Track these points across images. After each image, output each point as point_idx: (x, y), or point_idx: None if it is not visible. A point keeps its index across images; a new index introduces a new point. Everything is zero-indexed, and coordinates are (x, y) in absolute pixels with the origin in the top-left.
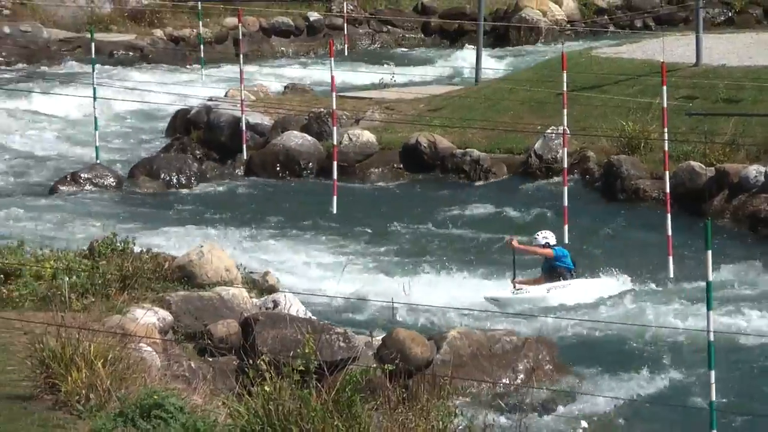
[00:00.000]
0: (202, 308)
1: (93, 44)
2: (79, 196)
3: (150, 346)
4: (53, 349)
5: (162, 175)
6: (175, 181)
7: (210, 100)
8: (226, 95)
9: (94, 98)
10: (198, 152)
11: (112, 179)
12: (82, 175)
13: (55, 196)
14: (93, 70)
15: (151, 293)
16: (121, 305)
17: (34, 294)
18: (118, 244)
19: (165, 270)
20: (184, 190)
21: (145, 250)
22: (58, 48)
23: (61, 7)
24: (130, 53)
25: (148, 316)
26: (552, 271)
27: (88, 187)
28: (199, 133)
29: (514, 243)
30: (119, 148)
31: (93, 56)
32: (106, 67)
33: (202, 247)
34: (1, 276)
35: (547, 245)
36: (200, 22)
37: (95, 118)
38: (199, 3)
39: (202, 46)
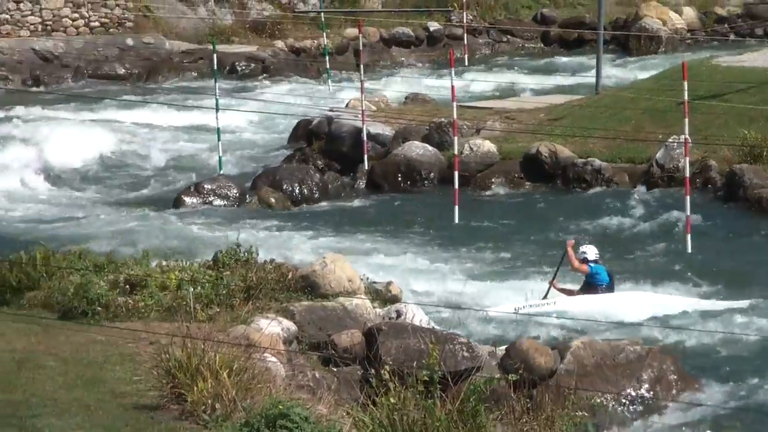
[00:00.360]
0: (325, 318)
1: (215, 56)
2: (202, 207)
3: (274, 356)
4: (179, 359)
5: (284, 186)
6: (297, 191)
7: (331, 110)
8: (347, 106)
9: (217, 109)
10: (319, 162)
11: (235, 190)
12: (205, 186)
13: (179, 207)
14: (215, 82)
15: (275, 303)
16: (245, 315)
17: (159, 304)
18: (242, 255)
19: (288, 280)
20: (307, 201)
21: (268, 260)
22: (180, 60)
23: (183, 19)
24: (252, 65)
25: (272, 327)
26: (588, 286)
27: (211, 198)
28: (321, 144)
29: (570, 244)
30: (242, 158)
31: (215, 68)
32: (228, 78)
33: (325, 257)
34: (127, 287)
35: (585, 260)
36: (324, 33)
37: (218, 129)
38: (322, 14)
39: (327, 57)
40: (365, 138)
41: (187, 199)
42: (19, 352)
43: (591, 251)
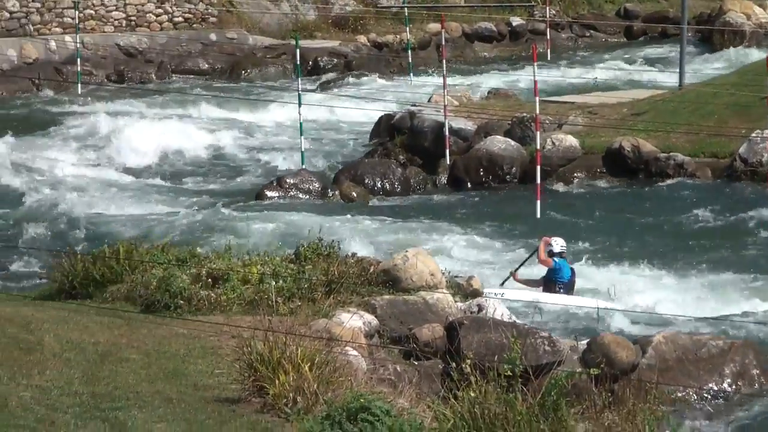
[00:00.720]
0: (407, 312)
1: (298, 51)
2: (284, 201)
3: (356, 350)
4: (261, 352)
5: (366, 180)
6: (379, 186)
7: (414, 105)
8: (429, 100)
9: (299, 104)
10: (401, 157)
11: (317, 184)
12: (288, 180)
13: (261, 201)
14: (298, 76)
15: (356, 297)
16: (326, 309)
17: (241, 298)
18: (324, 249)
19: (370, 274)
20: (388, 195)
21: (350, 254)
22: (263, 55)
23: (266, 14)
24: (334, 60)
25: (353, 320)
26: (547, 282)
27: (293, 192)
28: (403, 138)
29: (545, 241)
30: (324, 153)
31: (298, 63)
32: (311, 73)
33: (407, 251)
34: (209, 280)
35: (551, 254)
36: (407, 28)
37: (300, 123)
38: (405, 9)
39: (409, 52)
40: (447, 133)
41: (270, 193)
42: (102, 345)
43: (556, 244)
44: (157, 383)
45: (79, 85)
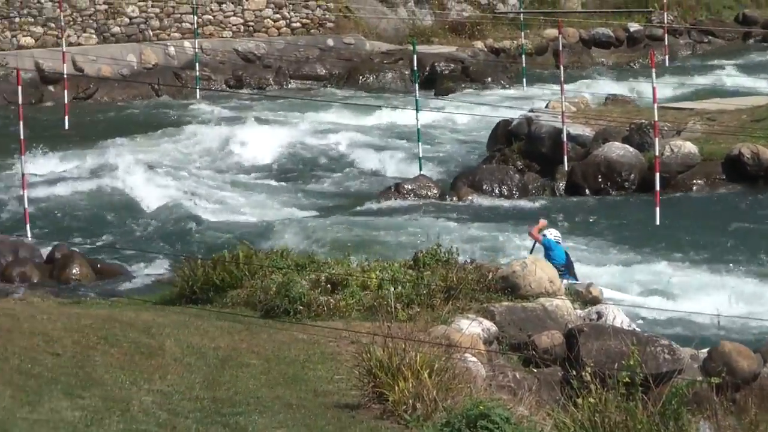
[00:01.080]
0: (526, 319)
1: (415, 56)
2: (402, 207)
3: (475, 357)
4: (380, 358)
5: (484, 186)
6: (497, 191)
7: (531, 111)
8: (546, 106)
9: (417, 110)
10: (519, 163)
11: (435, 190)
12: (405, 186)
13: (379, 206)
14: (415, 82)
15: (475, 304)
16: (445, 315)
17: (360, 304)
18: (443, 255)
19: (489, 281)
20: (506, 201)
21: (469, 260)
22: (380, 60)
23: (383, 19)
24: (451, 65)
25: (472, 327)
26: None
27: (411, 197)
28: (521, 145)
29: (542, 220)
30: (442, 159)
31: (415, 68)
32: (428, 79)
33: (525, 258)
34: (329, 286)
35: (543, 236)
36: (522, 33)
37: (418, 129)
38: (521, 15)
39: (524, 58)
40: (565, 139)
41: (388, 199)
42: (222, 350)
43: (550, 232)
44: (277, 389)
45: (198, 90)
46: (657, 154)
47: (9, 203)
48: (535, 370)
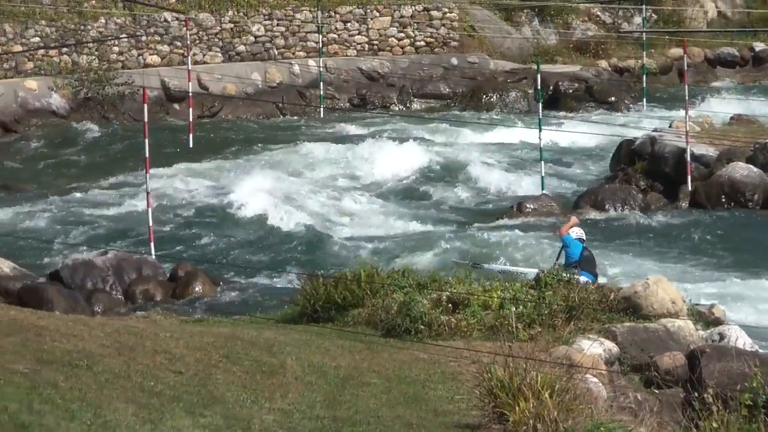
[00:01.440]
0: (647, 340)
1: (539, 75)
2: (524, 226)
3: (596, 377)
4: (501, 378)
5: (606, 206)
6: (619, 211)
7: (654, 131)
8: (670, 126)
9: (540, 129)
10: (642, 183)
11: (557, 209)
12: (528, 204)
13: (501, 225)
14: (539, 101)
15: (596, 324)
16: (567, 336)
17: (481, 323)
18: (564, 275)
19: (610, 301)
20: (629, 221)
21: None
22: (504, 79)
23: (507, 38)
24: (575, 84)
25: (594, 347)
26: (566, 265)
27: (533, 216)
28: (643, 164)
29: (573, 218)
30: (564, 178)
31: (539, 87)
32: (551, 98)
33: (648, 278)
34: (450, 305)
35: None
36: (644, 53)
37: (540, 148)
38: (643, 34)
39: (644, 77)
40: (689, 159)
41: (510, 218)
42: (343, 369)
43: (575, 231)
44: (397, 408)
45: (322, 108)
46: None
47: (134, 221)
48: (657, 392)
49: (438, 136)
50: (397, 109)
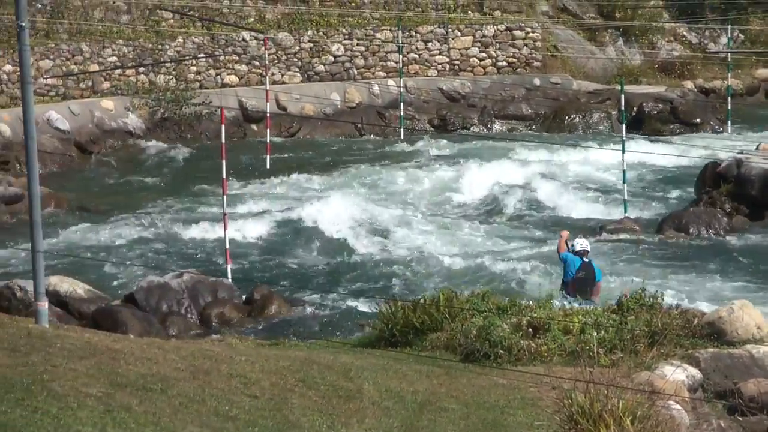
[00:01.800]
0: (731, 366)
1: (622, 96)
2: (606, 249)
3: (679, 404)
4: (582, 404)
5: (691, 230)
6: (704, 235)
7: (740, 153)
8: (757, 148)
9: (623, 151)
10: (727, 206)
11: (640, 233)
12: (609, 227)
13: None
14: (623, 122)
15: (679, 350)
16: (649, 361)
17: (562, 348)
18: (647, 299)
19: (694, 326)
20: (714, 245)
21: (674, 305)
22: (587, 100)
23: (591, 58)
24: (659, 105)
25: (677, 373)
26: (563, 284)
27: (615, 240)
28: (729, 187)
29: (564, 235)
30: (648, 201)
31: (622, 108)
32: (635, 120)
33: (732, 303)
34: (530, 330)
35: (571, 249)
36: (729, 74)
37: (623, 171)
38: (728, 55)
39: (729, 98)
40: None
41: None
42: (421, 394)
43: (577, 243)
44: None
45: (402, 129)
46: None
47: (211, 243)
48: (741, 419)
49: (519, 158)
50: (477, 130)
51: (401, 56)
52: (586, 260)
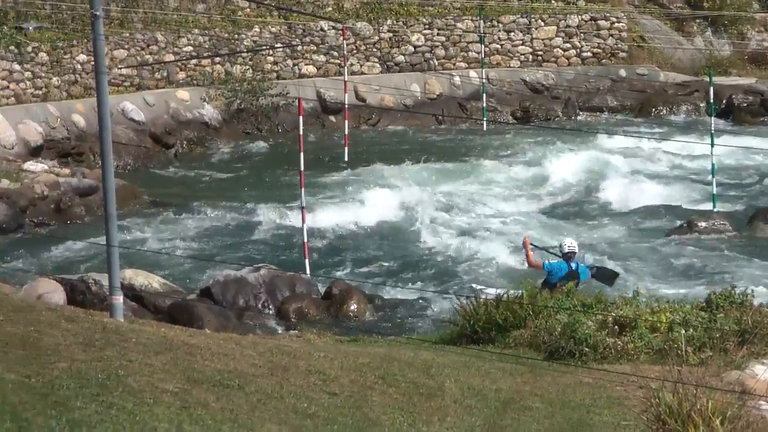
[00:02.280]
0: None
1: (711, 88)
2: (694, 245)
3: None
4: (669, 404)
5: None
6: None
7: None
8: None
9: (712, 144)
10: None
11: (729, 228)
12: (698, 223)
13: (670, 243)
14: (711, 115)
15: None
16: (739, 360)
17: (649, 346)
18: (737, 297)
19: None
20: None
21: (765, 303)
22: (674, 92)
23: (679, 49)
24: (749, 97)
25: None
26: (545, 283)
27: (704, 235)
28: None
29: (526, 241)
30: (738, 195)
31: (711, 101)
32: (724, 111)
33: None
34: (616, 327)
35: (564, 255)
36: None
37: (713, 165)
38: None
39: None
40: None
41: (679, 236)
42: (504, 392)
43: (565, 244)
44: None
45: (485, 121)
46: None
47: (289, 237)
48: None
49: (603, 150)
50: (561, 122)
51: (483, 47)
52: (573, 266)
